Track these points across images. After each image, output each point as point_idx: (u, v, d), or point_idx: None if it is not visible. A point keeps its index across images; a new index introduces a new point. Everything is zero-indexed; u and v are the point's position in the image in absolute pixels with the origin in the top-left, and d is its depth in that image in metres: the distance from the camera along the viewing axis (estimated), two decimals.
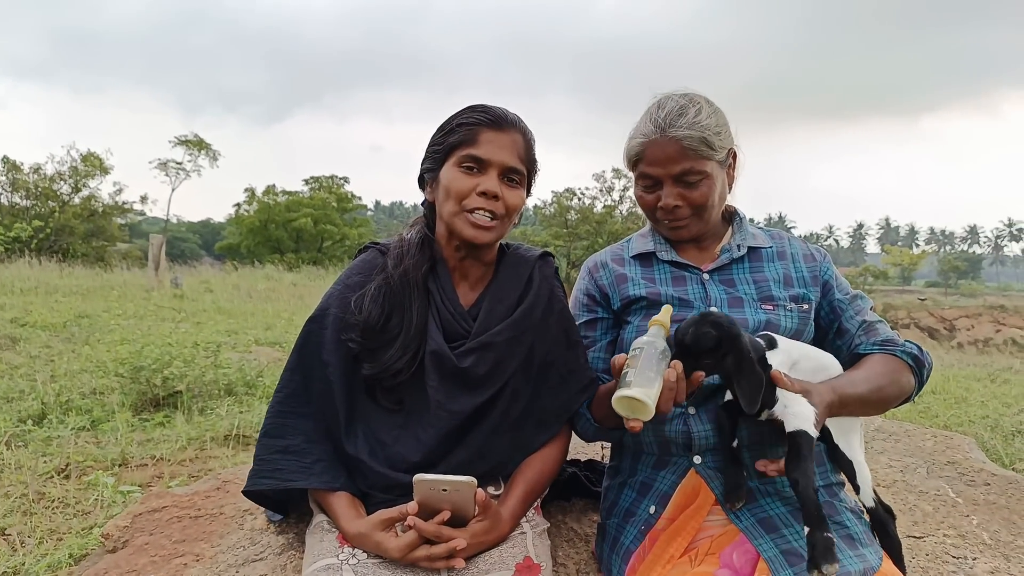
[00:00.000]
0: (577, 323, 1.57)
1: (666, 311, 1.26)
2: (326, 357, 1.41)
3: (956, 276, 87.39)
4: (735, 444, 1.30)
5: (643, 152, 1.44)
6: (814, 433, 1.15)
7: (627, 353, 1.18)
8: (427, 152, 1.45)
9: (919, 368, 1.38)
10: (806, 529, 1.10)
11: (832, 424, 1.27)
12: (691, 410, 1.37)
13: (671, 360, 1.17)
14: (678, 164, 1.40)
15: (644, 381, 1.11)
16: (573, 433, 1.54)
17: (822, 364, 1.34)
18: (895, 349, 1.39)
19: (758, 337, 1.25)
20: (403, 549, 1.20)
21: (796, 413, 1.16)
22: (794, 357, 1.26)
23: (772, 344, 1.25)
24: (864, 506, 1.30)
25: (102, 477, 2.86)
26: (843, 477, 1.37)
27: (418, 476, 1.20)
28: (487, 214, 1.37)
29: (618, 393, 1.12)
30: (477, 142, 1.37)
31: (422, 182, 1.49)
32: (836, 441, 1.29)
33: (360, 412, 1.41)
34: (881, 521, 1.28)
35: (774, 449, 1.32)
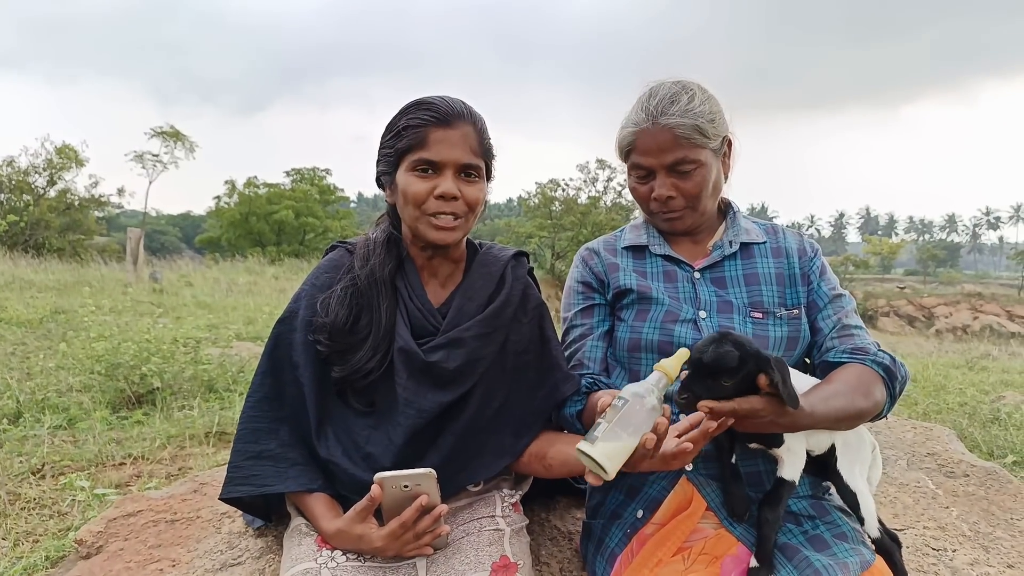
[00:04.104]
0: (572, 312, 1.54)
1: (680, 356, 1.11)
2: (296, 359, 1.38)
3: (935, 264, 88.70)
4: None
5: (635, 142, 1.40)
6: (797, 482, 1.22)
7: (618, 391, 1.08)
8: (379, 155, 1.39)
9: (891, 380, 1.29)
10: (753, 561, 1.14)
11: (839, 453, 1.26)
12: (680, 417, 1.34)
13: (658, 418, 1.04)
14: (671, 153, 1.36)
15: (612, 439, 1.02)
16: None
17: None
18: (865, 358, 1.31)
19: None
20: (386, 538, 1.20)
21: (793, 464, 1.21)
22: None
23: None
24: (870, 537, 1.26)
25: (77, 480, 2.81)
26: (828, 483, 1.36)
27: (379, 475, 1.20)
28: (448, 215, 1.33)
29: (580, 445, 1.03)
30: (426, 144, 1.30)
31: (380, 183, 1.44)
32: (839, 468, 1.26)
33: (332, 414, 1.39)
34: (887, 551, 1.26)
35: (766, 464, 1.31)
